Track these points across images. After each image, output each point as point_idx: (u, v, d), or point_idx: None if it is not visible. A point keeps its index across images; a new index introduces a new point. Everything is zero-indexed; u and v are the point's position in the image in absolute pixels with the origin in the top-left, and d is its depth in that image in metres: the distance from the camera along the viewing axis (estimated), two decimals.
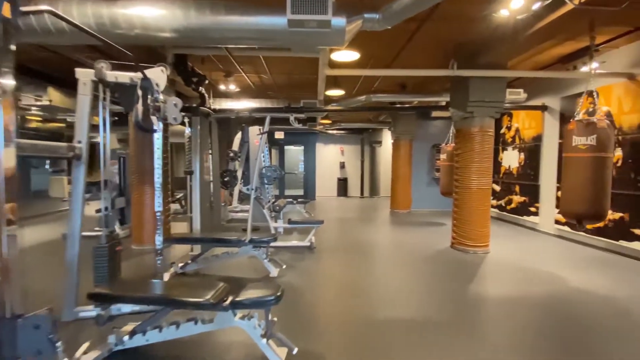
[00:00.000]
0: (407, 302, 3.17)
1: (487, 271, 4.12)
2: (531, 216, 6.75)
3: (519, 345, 2.46)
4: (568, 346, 2.41)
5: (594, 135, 3.49)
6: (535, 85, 6.48)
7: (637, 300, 3.22)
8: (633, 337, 2.53)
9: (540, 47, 4.78)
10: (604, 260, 4.54)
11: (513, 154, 7.35)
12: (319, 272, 3.97)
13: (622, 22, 3.99)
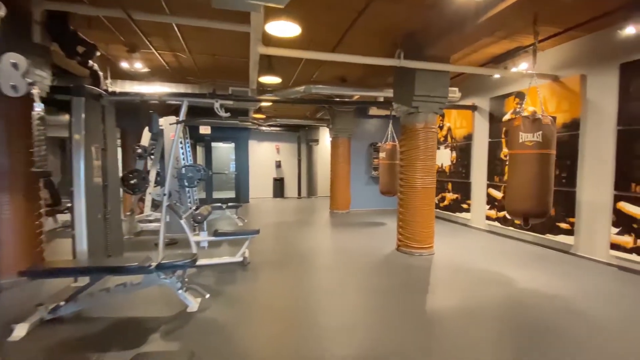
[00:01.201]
0: (360, 329, 2.62)
1: (437, 277, 3.85)
2: (463, 213, 6.96)
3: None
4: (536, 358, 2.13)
5: (539, 132, 3.42)
6: (466, 86, 6.67)
7: (584, 296, 3.22)
8: (590, 336, 2.39)
9: (477, 44, 4.76)
10: (538, 255, 4.71)
11: (445, 153, 7.53)
12: (253, 298, 3.15)
13: (558, 21, 4.10)
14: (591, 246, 4.44)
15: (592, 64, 4.39)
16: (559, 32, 4.36)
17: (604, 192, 4.26)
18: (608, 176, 4.21)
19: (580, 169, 4.56)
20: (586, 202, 4.50)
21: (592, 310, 2.92)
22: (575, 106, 4.60)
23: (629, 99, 3.98)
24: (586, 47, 4.46)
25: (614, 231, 4.15)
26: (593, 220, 4.41)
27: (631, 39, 3.84)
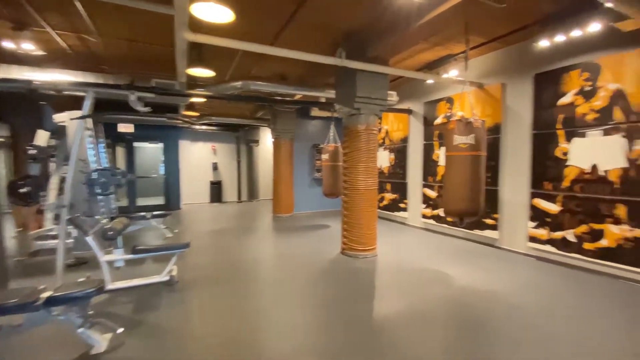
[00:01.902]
0: (309, 351, 2.38)
1: (382, 280, 3.81)
2: (401, 212, 7.22)
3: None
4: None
5: (472, 135, 3.59)
6: (402, 90, 6.94)
7: (511, 288, 3.45)
8: (521, 325, 2.52)
9: (413, 50, 4.92)
10: (468, 250, 5.02)
11: (384, 154, 7.75)
12: (180, 327, 2.65)
13: (484, 32, 4.39)
14: (513, 239, 4.88)
15: (511, 74, 4.83)
16: (484, 43, 4.71)
17: (522, 190, 4.71)
18: (525, 175, 4.67)
19: (502, 170, 5.00)
20: (507, 200, 4.94)
21: (518, 300, 3.12)
22: (497, 112, 5.02)
23: (542, 106, 4.45)
24: (506, 58, 4.90)
25: (531, 225, 4.61)
26: (513, 216, 4.86)
27: (544, 51, 4.28)
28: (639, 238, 3.57)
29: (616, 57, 3.71)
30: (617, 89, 3.72)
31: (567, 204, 4.19)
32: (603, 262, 3.86)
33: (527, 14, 3.83)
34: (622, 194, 3.69)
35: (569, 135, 4.15)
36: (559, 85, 4.25)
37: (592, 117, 3.93)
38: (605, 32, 3.62)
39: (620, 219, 3.71)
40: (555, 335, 2.52)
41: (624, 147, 3.67)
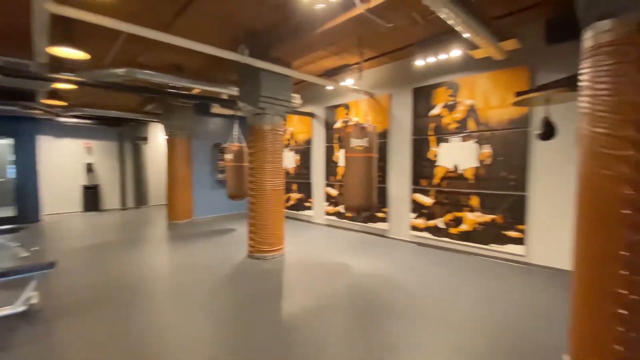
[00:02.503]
0: None
1: (290, 278, 3.88)
2: (306, 211, 7.49)
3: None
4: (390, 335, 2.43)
5: (366, 138, 3.98)
6: (305, 94, 7.20)
7: (398, 271, 3.96)
8: (411, 303, 2.96)
9: (314, 56, 5.17)
10: (365, 241, 5.55)
11: (290, 155, 7.90)
12: None
13: (375, 47, 4.92)
14: (399, 229, 5.62)
15: (396, 86, 5.56)
16: (375, 56, 5.28)
17: (405, 187, 5.48)
18: (407, 174, 5.44)
19: (390, 169, 5.71)
20: (394, 195, 5.66)
21: (405, 281, 3.63)
22: (385, 119, 5.71)
23: (419, 115, 5.27)
24: (393, 71, 5.61)
25: (412, 216, 5.40)
26: (399, 209, 5.60)
27: (420, 69, 5.07)
28: (487, 222, 4.58)
29: (470, 78, 4.67)
30: (471, 104, 4.69)
31: (437, 197, 5.07)
32: (464, 242, 4.81)
33: (408, 35, 4.47)
34: (475, 188, 4.67)
35: (438, 140, 5.03)
36: (430, 99, 5.10)
37: (454, 126, 4.86)
38: (463, 57, 4.51)
39: (474, 208, 4.69)
40: (430, 304, 3.02)
41: (476, 150, 4.65)
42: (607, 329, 1.77)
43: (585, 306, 1.91)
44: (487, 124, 4.52)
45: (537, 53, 3.94)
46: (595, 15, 1.80)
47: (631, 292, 1.68)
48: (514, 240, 4.32)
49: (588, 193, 1.88)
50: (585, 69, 1.89)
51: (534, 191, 4.13)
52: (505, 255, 4.40)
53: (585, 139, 1.88)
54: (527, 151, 4.17)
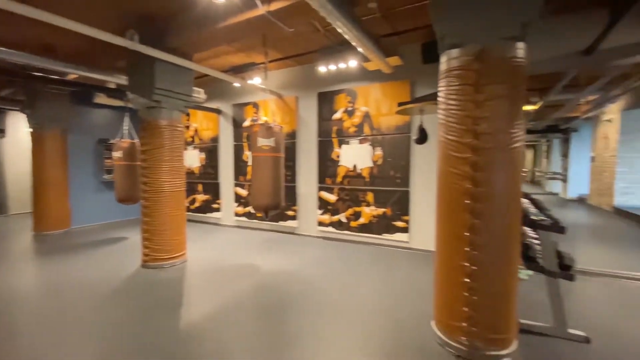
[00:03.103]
0: None
1: (192, 285, 3.66)
2: (214, 213, 7.14)
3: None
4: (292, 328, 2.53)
5: (273, 138, 4.04)
6: (211, 89, 6.84)
7: (306, 266, 4.15)
8: (318, 300, 3.15)
9: (218, 50, 4.98)
10: (275, 240, 5.60)
11: (194, 154, 7.39)
12: None
13: (280, 49, 5.00)
14: (307, 226, 5.87)
15: (302, 89, 5.78)
16: (281, 58, 5.38)
17: (312, 185, 5.76)
18: (314, 173, 5.73)
19: (298, 169, 5.91)
20: (303, 194, 5.89)
21: (311, 275, 3.83)
22: (293, 120, 5.88)
23: (323, 118, 5.59)
24: (299, 75, 5.81)
25: (318, 213, 5.71)
26: (307, 206, 5.85)
27: (323, 75, 5.39)
28: (380, 215, 5.16)
29: (365, 87, 5.19)
30: (366, 111, 5.21)
31: (340, 194, 5.49)
32: (362, 234, 5.32)
33: (311, 42, 4.70)
34: (370, 185, 5.22)
35: (340, 142, 5.45)
36: (333, 104, 5.48)
37: (353, 130, 5.33)
38: (359, 68, 4.98)
39: (370, 203, 5.24)
40: (334, 292, 3.28)
41: (370, 152, 5.20)
42: (457, 295, 2.24)
43: (442, 278, 2.37)
44: (379, 129, 5.10)
45: (416, 70, 4.64)
46: (447, 45, 2.24)
47: (472, 264, 2.17)
48: (401, 229, 5.00)
49: (443, 187, 2.33)
50: (441, 88, 2.34)
51: (414, 187, 4.86)
52: (395, 242, 5.05)
53: (441, 144, 2.33)
54: (409, 153, 4.87)
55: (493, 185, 2.11)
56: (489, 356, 2.17)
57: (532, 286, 3.38)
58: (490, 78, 2.06)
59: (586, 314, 2.88)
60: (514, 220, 2.17)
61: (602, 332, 2.54)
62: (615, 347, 2.36)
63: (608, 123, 8.99)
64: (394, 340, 2.49)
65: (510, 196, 2.14)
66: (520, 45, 2.08)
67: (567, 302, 2.93)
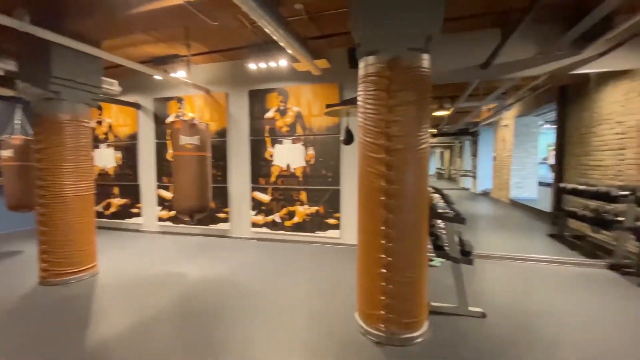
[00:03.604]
0: None
1: (103, 300, 3.28)
2: (134, 218, 6.47)
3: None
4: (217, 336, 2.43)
5: (197, 136, 3.82)
6: (128, 81, 6.17)
7: (239, 270, 4.02)
8: (250, 304, 3.08)
9: (135, 39, 4.54)
10: (205, 244, 5.31)
11: (108, 152, 6.60)
12: None
13: (206, 42, 4.74)
14: (240, 228, 5.70)
15: (233, 86, 5.58)
16: (208, 52, 5.11)
17: (245, 185, 5.61)
18: (247, 173, 5.58)
19: (230, 168, 5.70)
20: (235, 194, 5.70)
21: (244, 279, 3.73)
22: (223, 117, 5.64)
23: (255, 117, 5.48)
24: (229, 70, 5.59)
25: (252, 214, 5.59)
26: (240, 207, 5.68)
27: (254, 73, 5.27)
28: (313, 213, 5.26)
29: (297, 87, 5.23)
30: (298, 111, 5.25)
31: (274, 194, 5.45)
32: (297, 233, 5.36)
33: (240, 37, 4.55)
34: (303, 184, 5.29)
35: (273, 142, 5.41)
36: (265, 102, 5.41)
37: (285, 129, 5.33)
38: (290, 68, 4.99)
39: (303, 202, 5.31)
40: (266, 294, 3.24)
41: (303, 152, 5.26)
42: (375, 285, 2.40)
43: (363, 270, 2.52)
44: (311, 129, 5.20)
45: (343, 74, 4.84)
46: (364, 52, 2.38)
47: (387, 256, 2.35)
48: (333, 226, 5.17)
49: (362, 185, 2.48)
50: (360, 92, 2.47)
51: (344, 185, 5.07)
52: (327, 239, 5.20)
53: (360, 145, 2.47)
54: (339, 153, 5.06)
55: (404, 183, 2.31)
56: (404, 339, 2.37)
57: (443, 272, 3.80)
58: (400, 85, 2.25)
59: (485, 293, 3.34)
60: (422, 213, 2.41)
61: (496, 307, 2.98)
62: (506, 319, 2.79)
63: (505, 128, 10.55)
64: (320, 334, 2.56)
65: (419, 192, 2.37)
66: (425, 56, 2.31)
67: (471, 284, 3.37)
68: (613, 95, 5.28)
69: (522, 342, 2.42)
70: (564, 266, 4.22)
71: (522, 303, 3.12)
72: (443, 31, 4.34)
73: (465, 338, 2.49)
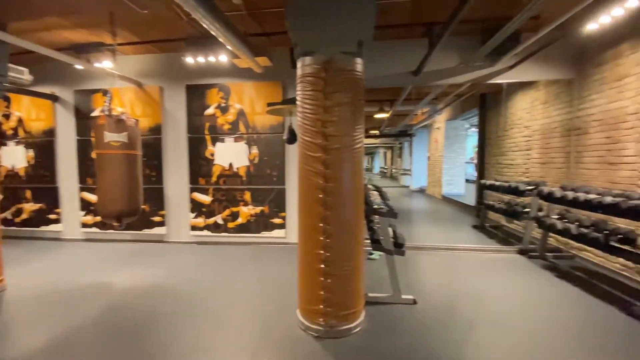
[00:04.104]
0: None
1: (11, 319, 2.85)
2: (52, 225, 5.71)
3: None
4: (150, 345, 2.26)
5: (125, 133, 3.51)
6: (43, 70, 5.41)
7: (175, 276, 3.79)
8: (188, 311, 2.92)
9: (49, 22, 4.01)
10: (138, 251, 4.90)
11: (18, 150, 5.72)
12: None
13: (136, 31, 4.36)
14: (178, 232, 5.37)
15: (168, 79, 5.23)
16: (139, 42, 4.72)
17: (183, 186, 5.30)
18: (184, 173, 5.28)
19: (166, 168, 5.34)
20: (172, 196, 5.36)
21: (181, 285, 3.53)
22: (157, 113, 5.26)
23: (194, 113, 5.21)
24: (163, 63, 5.22)
25: (191, 216, 5.31)
26: (178, 210, 5.35)
27: (192, 67, 4.98)
28: (258, 213, 5.18)
29: (239, 84, 5.09)
30: (240, 108, 5.12)
31: (215, 195, 5.24)
32: (241, 234, 5.23)
33: (175, 29, 4.28)
34: (247, 184, 5.17)
35: (214, 140, 5.20)
36: (204, 98, 5.17)
37: (227, 127, 5.16)
38: (232, 64, 4.83)
39: (248, 202, 5.20)
40: (206, 299, 3.10)
41: (246, 151, 5.15)
42: (314, 281, 2.46)
43: (303, 267, 2.57)
44: (255, 128, 5.11)
45: (287, 73, 4.83)
46: (301, 52, 2.42)
47: (326, 251, 2.42)
48: (278, 226, 5.15)
49: (302, 183, 2.53)
50: (298, 92, 2.51)
51: (289, 184, 5.08)
52: (273, 239, 5.17)
53: (300, 144, 2.51)
54: (284, 152, 5.06)
55: (340, 180, 2.40)
56: (342, 330, 2.47)
57: (382, 264, 4.02)
58: (335, 86, 2.34)
59: (416, 281, 3.63)
60: (358, 210, 2.54)
61: (426, 293, 3.25)
62: (433, 303, 3.06)
63: (437, 130, 11.52)
64: (261, 335, 2.54)
65: (354, 189, 2.48)
66: (358, 60, 2.42)
67: (404, 274, 3.62)
68: (521, 103, 6.10)
69: (447, 323, 2.69)
70: (483, 253, 4.76)
71: (447, 287, 3.46)
72: (378, 38, 4.58)
73: (398, 324, 2.68)
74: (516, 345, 2.35)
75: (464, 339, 2.43)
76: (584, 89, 4.38)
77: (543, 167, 5.34)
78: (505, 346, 2.35)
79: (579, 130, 4.47)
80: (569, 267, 4.09)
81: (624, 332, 2.54)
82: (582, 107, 4.41)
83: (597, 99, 4.14)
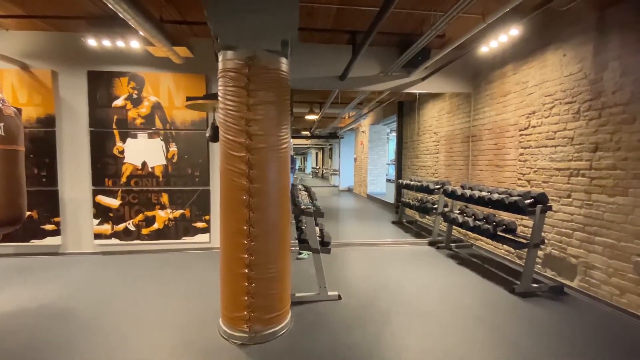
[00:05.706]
0: None
1: None
2: None
3: None
4: None
5: (1, 124, 2.86)
6: None
7: (75, 299, 3.22)
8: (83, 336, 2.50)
9: None
10: (22, 266, 4.03)
11: None
12: None
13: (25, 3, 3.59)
14: (78, 241, 4.62)
15: (64, 63, 4.45)
16: (25, 16, 3.90)
17: (84, 188, 4.57)
18: (86, 173, 4.56)
19: (61, 167, 4.53)
20: (69, 199, 4.57)
21: (77, 306, 3.02)
22: (49, 102, 4.43)
23: (98, 104, 4.53)
24: (57, 43, 4.42)
25: (95, 222, 4.61)
26: (77, 216, 4.60)
27: (96, 50, 4.31)
28: (177, 217, 4.76)
29: (155, 74, 4.61)
30: (156, 101, 4.64)
31: (125, 198, 4.65)
32: (157, 241, 4.74)
33: (74, 5, 3.66)
34: (164, 185, 4.72)
35: (123, 135, 4.60)
36: (112, 88, 4.54)
37: (140, 121, 4.63)
38: (145, 51, 4.34)
39: (165, 205, 4.74)
40: (110, 318, 2.71)
41: (163, 148, 4.69)
42: (238, 285, 2.36)
43: (225, 273, 2.44)
44: (173, 123, 4.69)
45: (210, 65, 4.55)
46: (222, 45, 2.30)
47: (249, 255, 2.34)
48: (201, 230, 4.82)
49: (224, 184, 2.40)
50: (220, 87, 2.37)
51: (214, 185, 4.80)
52: (196, 245, 4.81)
53: (222, 143, 2.38)
54: (208, 150, 4.75)
55: (265, 181, 2.35)
56: (268, 334, 2.42)
57: (310, 263, 4.08)
58: (259, 84, 2.27)
59: (341, 277, 3.77)
60: (284, 210, 2.51)
61: (350, 288, 3.40)
62: (356, 297, 3.21)
63: (363, 133, 12.24)
64: (179, 348, 2.33)
65: (280, 190, 2.46)
66: (283, 60, 2.40)
67: (331, 271, 3.73)
68: (431, 112, 6.86)
69: (367, 315, 2.85)
70: (400, 246, 5.22)
71: (368, 281, 3.68)
72: (306, 40, 4.64)
73: (323, 321, 2.74)
74: (426, 328, 2.62)
75: (381, 329, 2.61)
76: (478, 102, 5.13)
77: (448, 169, 6.09)
78: (417, 330, 2.60)
79: (475, 137, 5.22)
80: (468, 255, 4.74)
81: (507, 306, 3.04)
82: (477, 118, 5.17)
83: (488, 111, 4.89)
